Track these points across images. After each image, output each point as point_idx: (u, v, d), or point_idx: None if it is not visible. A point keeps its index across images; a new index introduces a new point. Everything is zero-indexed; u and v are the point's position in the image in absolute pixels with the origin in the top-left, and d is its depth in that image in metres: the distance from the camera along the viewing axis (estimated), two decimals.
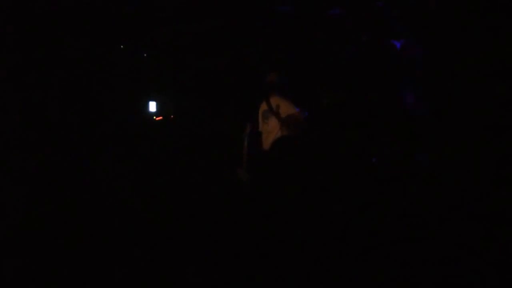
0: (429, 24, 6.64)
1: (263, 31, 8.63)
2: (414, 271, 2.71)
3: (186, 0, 7.97)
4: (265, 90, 7.17)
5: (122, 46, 9.43)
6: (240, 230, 3.23)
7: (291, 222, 2.89)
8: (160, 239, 3.54)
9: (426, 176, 3.50)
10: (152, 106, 8.98)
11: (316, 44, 8.34)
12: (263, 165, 4.49)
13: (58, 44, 7.80)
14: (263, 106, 6.96)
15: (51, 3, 7.11)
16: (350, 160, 2.82)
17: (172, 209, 4.25)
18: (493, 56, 5.48)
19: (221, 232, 3.20)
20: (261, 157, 6.44)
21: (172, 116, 9.11)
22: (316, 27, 8.20)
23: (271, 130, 6.77)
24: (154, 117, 8.88)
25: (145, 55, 9.87)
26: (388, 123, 7.35)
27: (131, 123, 8.07)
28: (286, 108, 6.67)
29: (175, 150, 7.86)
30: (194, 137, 8.33)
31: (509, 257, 2.61)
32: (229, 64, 9.37)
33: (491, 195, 3.40)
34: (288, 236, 2.88)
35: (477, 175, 3.77)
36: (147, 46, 9.63)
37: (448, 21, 6.14)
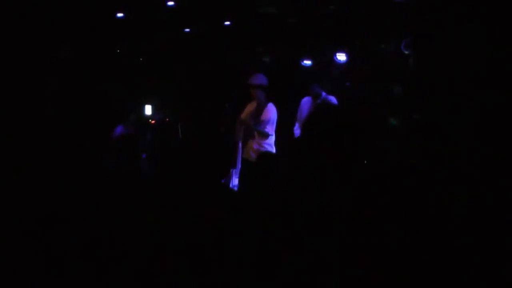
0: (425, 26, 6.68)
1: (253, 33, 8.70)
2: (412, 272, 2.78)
3: (180, 5, 8.06)
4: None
5: (118, 50, 9.51)
6: (238, 232, 3.31)
7: (286, 223, 2.97)
8: (159, 240, 3.62)
9: (422, 177, 3.57)
10: (148, 110, 9.05)
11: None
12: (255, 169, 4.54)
13: (55, 47, 7.86)
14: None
15: (50, 5, 7.18)
16: (343, 163, 2.89)
17: (169, 211, 4.33)
18: (492, 57, 5.52)
19: (217, 235, 3.28)
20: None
21: (167, 119, 9.18)
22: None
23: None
24: (150, 120, 8.96)
25: (140, 59, 9.95)
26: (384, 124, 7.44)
27: (126, 125, 8.13)
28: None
29: (171, 152, 7.91)
30: (190, 139, 8.39)
31: (509, 257, 2.66)
32: (222, 67, 9.46)
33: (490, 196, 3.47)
34: (285, 237, 2.96)
35: (476, 175, 3.84)
36: (143, 50, 9.72)
37: (444, 23, 6.17)
